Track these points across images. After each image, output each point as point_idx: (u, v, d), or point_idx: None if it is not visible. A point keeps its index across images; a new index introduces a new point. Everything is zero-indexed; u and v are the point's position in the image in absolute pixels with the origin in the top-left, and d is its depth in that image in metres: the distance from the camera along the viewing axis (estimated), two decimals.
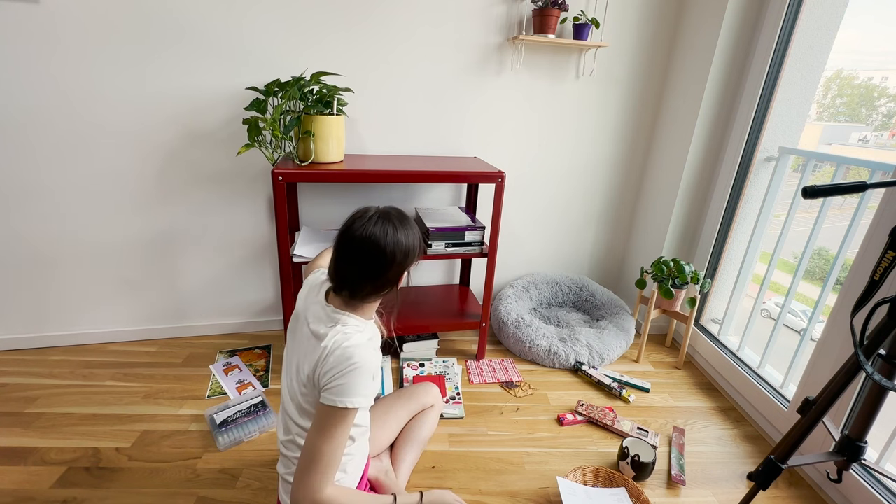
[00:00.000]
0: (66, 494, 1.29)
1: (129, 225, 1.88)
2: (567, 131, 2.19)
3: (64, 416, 1.57)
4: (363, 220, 0.95)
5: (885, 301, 0.94)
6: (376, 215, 0.96)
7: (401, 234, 0.96)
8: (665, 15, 2.05)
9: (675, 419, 1.75)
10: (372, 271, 0.95)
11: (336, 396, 0.89)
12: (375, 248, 0.93)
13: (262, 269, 2.09)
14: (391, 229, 0.95)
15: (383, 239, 0.94)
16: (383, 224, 0.95)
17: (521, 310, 2.17)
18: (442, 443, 1.56)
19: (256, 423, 1.56)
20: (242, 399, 1.65)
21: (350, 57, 1.86)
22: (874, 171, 1.49)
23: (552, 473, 1.46)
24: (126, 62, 1.68)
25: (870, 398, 1.01)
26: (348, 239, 0.95)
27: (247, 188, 1.95)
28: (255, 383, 1.79)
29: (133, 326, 2.03)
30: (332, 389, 0.89)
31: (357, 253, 0.94)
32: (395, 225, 0.96)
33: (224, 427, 1.52)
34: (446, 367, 1.93)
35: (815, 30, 1.72)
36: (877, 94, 3.10)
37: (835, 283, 1.58)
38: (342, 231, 0.97)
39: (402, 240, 0.96)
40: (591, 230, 2.42)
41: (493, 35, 1.95)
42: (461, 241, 1.82)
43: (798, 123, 1.85)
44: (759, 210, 1.91)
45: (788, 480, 1.51)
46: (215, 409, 1.60)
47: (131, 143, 1.78)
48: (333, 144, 1.68)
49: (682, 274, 1.95)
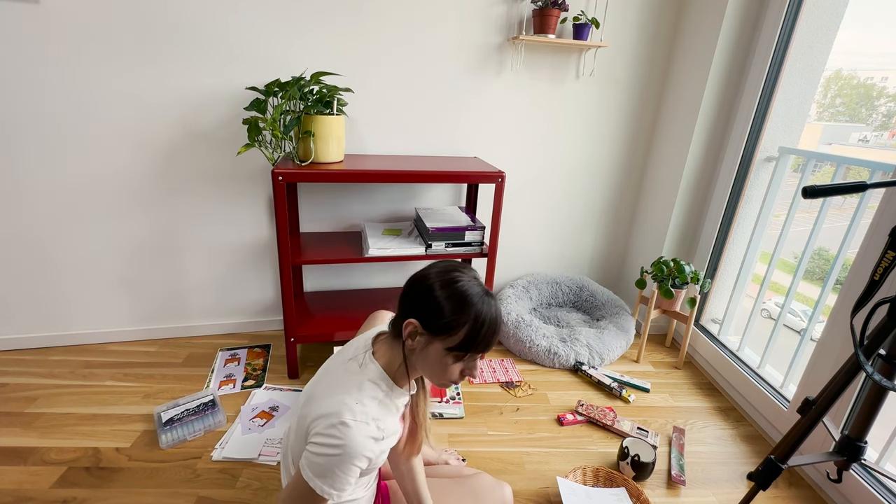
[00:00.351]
0: (66, 494, 1.29)
1: (129, 225, 1.88)
2: (567, 131, 2.19)
3: (64, 416, 1.57)
4: (469, 279, 0.87)
5: (885, 301, 0.94)
6: (484, 290, 0.89)
7: (444, 287, 0.86)
8: (665, 15, 2.05)
9: (675, 419, 1.75)
10: (405, 295, 0.88)
11: (310, 471, 0.80)
12: (421, 278, 0.87)
13: (262, 269, 2.09)
14: (479, 286, 0.89)
15: (431, 273, 0.87)
16: (479, 283, 0.89)
17: (521, 310, 2.17)
18: (442, 443, 1.56)
19: (202, 421, 1.53)
20: (192, 397, 1.63)
21: (350, 57, 1.86)
22: (874, 171, 1.49)
23: (552, 473, 1.46)
24: (126, 62, 1.68)
25: (870, 398, 1.01)
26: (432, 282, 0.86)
27: (247, 188, 1.95)
28: (239, 381, 1.79)
29: (133, 326, 2.03)
30: (308, 457, 0.80)
31: (429, 288, 0.86)
32: (487, 292, 0.88)
33: (169, 425, 1.51)
34: None
35: (815, 30, 1.72)
36: (876, 94, 3.10)
37: (835, 283, 1.58)
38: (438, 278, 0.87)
39: (439, 293, 0.85)
40: (591, 230, 2.42)
41: (493, 35, 1.95)
42: (461, 241, 1.82)
43: (798, 123, 1.85)
44: (759, 210, 1.91)
45: (788, 480, 1.51)
46: (165, 406, 1.59)
47: (131, 143, 1.78)
48: (333, 144, 1.68)
49: (682, 274, 1.95)
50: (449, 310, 0.83)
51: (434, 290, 0.84)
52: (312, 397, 0.89)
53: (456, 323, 0.83)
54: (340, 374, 0.90)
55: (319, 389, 0.90)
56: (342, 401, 0.82)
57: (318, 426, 0.81)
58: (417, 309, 0.85)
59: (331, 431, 0.79)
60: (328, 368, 0.96)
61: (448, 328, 0.83)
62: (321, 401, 0.85)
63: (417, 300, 0.86)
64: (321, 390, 0.89)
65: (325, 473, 0.79)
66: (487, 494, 1.13)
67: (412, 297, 0.87)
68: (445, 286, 0.84)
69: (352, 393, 0.84)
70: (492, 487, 1.15)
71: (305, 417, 0.86)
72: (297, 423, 0.91)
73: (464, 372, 0.89)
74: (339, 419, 0.80)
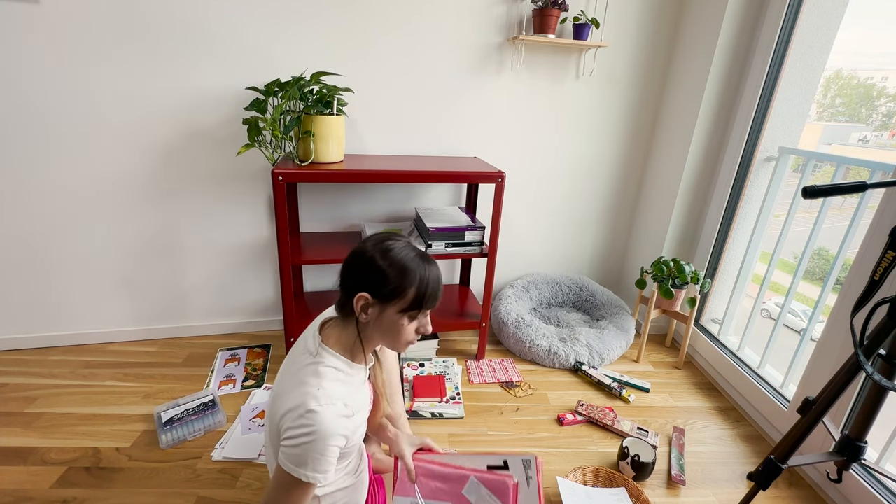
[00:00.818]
0: (66, 494, 1.29)
1: (129, 225, 1.88)
2: (567, 131, 2.19)
3: (64, 416, 1.57)
4: (396, 240, 0.93)
5: (885, 301, 0.94)
6: (411, 245, 0.94)
7: (383, 252, 0.91)
8: (665, 15, 2.05)
9: (675, 419, 1.75)
10: (354, 267, 0.92)
11: (289, 462, 0.81)
12: (355, 251, 0.92)
13: (262, 269, 2.09)
14: (412, 248, 0.93)
15: (363, 245, 0.93)
16: (382, 240, 0.93)
17: (521, 310, 2.17)
18: (442, 443, 1.56)
19: (202, 421, 1.54)
20: (192, 397, 1.63)
21: (350, 57, 1.86)
22: (874, 171, 1.49)
23: (552, 473, 1.46)
24: (126, 62, 1.69)
25: (870, 398, 1.01)
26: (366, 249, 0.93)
27: (247, 188, 1.95)
28: (239, 380, 1.79)
29: (133, 326, 2.03)
30: (286, 450, 0.82)
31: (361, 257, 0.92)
32: (422, 255, 0.93)
33: (169, 425, 1.51)
34: (446, 367, 1.93)
35: (815, 30, 1.72)
36: (876, 94, 3.10)
37: (835, 283, 1.58)
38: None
39: (380, 259, 0.90)
40: (591, 230, 2.43)
41: (493, 35, 1.95)
42: (461, 241, 1.82)
43: (798, 123, 1.85)
44: (759, 210, 1.91)
45: (788, 480, 1.51)
46: (164, 406, 1.59)
47: (131, 143, 1.78)
48: (333, 144, 1.68)
49: (682, 274, 1.95)
50: (394, 275, 0.88)
51: (376, 260, 0.89)
52: (277, 396, 0.91)
53: (403, 285, 0.89)
54: (297, 369, 0.91)
55: (281, 387, 0.92)
56: (304, 392, 0.84)
57: (286, 421, 0.83)
58: (364, 282, 0.90)
59: (300, 422, 0.81)
60: (285, 368, 0.98)
61: (397, 292, 0.89)
62: (284, 397, 0.87)
63: (362, 274, 0.90)
64: (282, 388, 0.91)
65: (305, 461, 0.81)
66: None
67: (356, 273, 0.91)
68: (385, 255, 0.90)
69: (310, 381, 0.86)
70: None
71: (274, 417, 0.88)
72: (268, 423, 0.92)
73: (418, 329, 0.96)
74: (306, 408, 0.82)
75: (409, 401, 1.71)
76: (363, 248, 0.92)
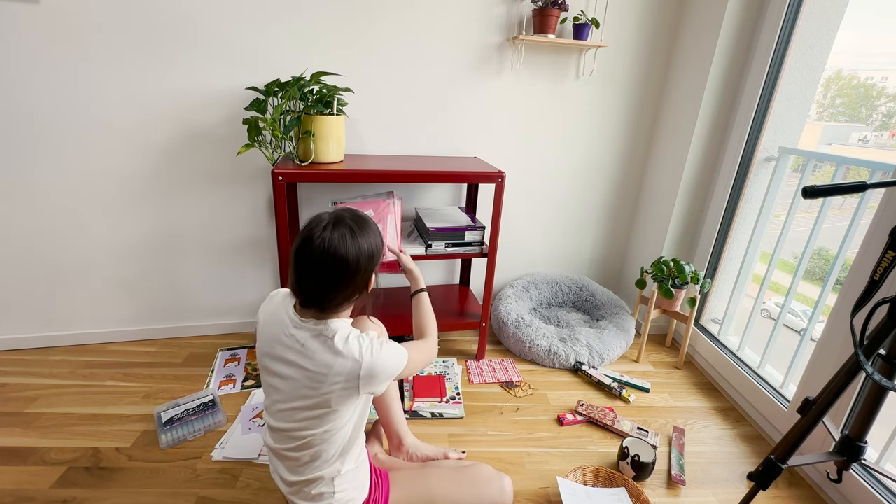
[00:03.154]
0: (66, 494, 1.29)
1: (129, 224, 1.88)
2: (567, 131, 2.19)
3: (64, 416, 1.57)
4: (318, 231, 0.90)
5: (885, 301, 0.94)
6: (331, 223, 0.91)
7: (361, 239, 0.92)
8: (665, 15, 2.05)
9: (675, 419, 1.75)
10: (338, 283, 0.91)
11: (397, 371, 0.97)
12: (337, 260, 0.89)
13: (262, 269, 2.09)
14: (350, 235, 0.91)
15: (343, 248, 0.89)
16: (340, 231, 0.90)
17: (521, 310, 2.17)
18: (442, 443, 1.56)
19: (202, 421, 1.54)
20: (192, 397, 1.63)
21: (350, 57, 1.86)
22: (874, 171, 1.49)
23: (552, 473, 1.46)
24: (126, 62, 1.68)
25: (870, 398, 1.01)
26: (308, 252, 0.89)
27: (247, 188, 1.95)
28: (239, 381, 1.79)
29: (133, 326, 2.03)
30: (389, 377, 0.95)
31: (319, 266, 0.89)
32: (352, 230, 0.92)
33: (169, 425, 1.51)
34: (446, 367, 1.93)
35: (815, 30, 1.72)
36: (876, 94, 3.10)
37: (835, 283, 1.58)
38: (299, 245, 0.91)
39: (364, 245, 0.92)
40: (591, 230, 2.43)
41: (493, 35, 1.95)
42: (461, 241, 1.82)
43: (798, 123, 1.85)
44: (759, 210, 1.91)
45: (788, 480, 1.51)
46: (164, 406, 1.59)
47: (131, 143, 1.78)
48: (333, 144, 1.68)
49: (682, 274, 1.95)
50: (364, 264, 0.94)
51: (360, 264, 0.94)
52: (314, 377, 0.92)
53: (370, 267, 0.97)
54: (316, 348, 0.92)
55: (308, 369, 0.93)
56: (347, 349, 0.91)
57: (364, 369, 0.91)
58: (354, 287, 0.95)
59: (361, 347, 0.92)
60: (285, 367, 0.95)
61: (371, 270, 0.98)
62: (328, 369, 0.90)
63: (349, 280, 0.93)
64: (311, 370, 0.92)
65: (396, 364, 0.96)
66: (486, 483, 1.14)
67: (344, 283, 0.93)
68: (357, 253, 0.93)
69: (344, 342, 0.92)
70: (491, 477, 1.16)
71: (328, 377, 0.91)
72: (313, 399, 0.93)
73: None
74: (361, 350, 0.92)
75: (409, 401, 1.71)
76: (344, 255, 0.91)
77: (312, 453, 0.96)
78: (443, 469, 1.18)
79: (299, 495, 1.00)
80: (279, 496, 1.32)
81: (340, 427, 0.96)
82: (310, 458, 0.97)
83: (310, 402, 0.92)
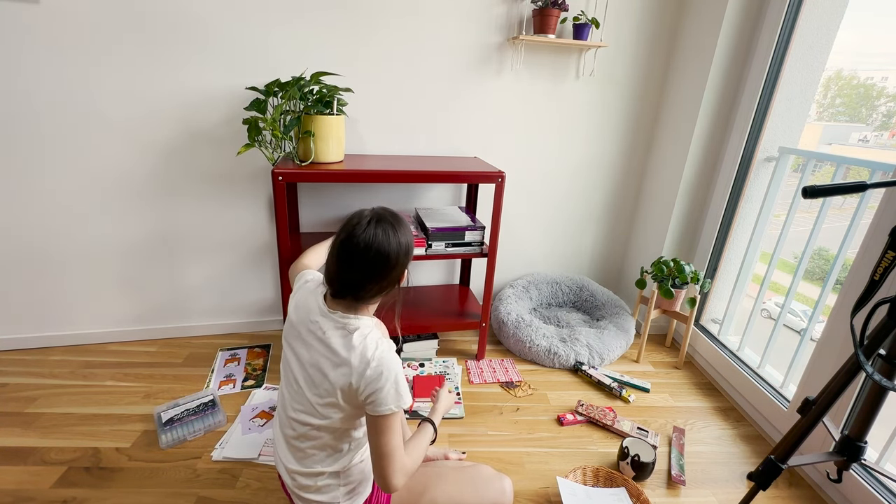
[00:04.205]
0: (66, 494, 1.29)
1: (129, 224, 1.88)
2: (567, 131, 2.19)
3: (64, 416, 1.57)
4: (363, 227, 0.96)
5: (885, 301, 0.94)
6: (374, 219, 0.97)
7: (400, 234, 0.98)
8: (665, 15, 2.05)
9: (675, 419, 1.75)
10: (378, 275, 0.97)
11: (391, 404, 0.92)
12: (380, 253, 0.95)
13: (262, 269, 2.09)
14: (391, 231, 0.97)
15: (386, 242, 0.95)
16: (383, 227, 0.96)
17: (521, 310, 2.17)
18: (442, 443, 1.56)
19: (202, 421, 1.54)
20: (192, 397, 1.63)
21: (350, 57, 1.86)
22: (874, 171, 1.49)
23: (552, 473, 1.46)
24: (126, 62, 1.69)
25: (870, 398, 1.01)
26: (352, 246, 0.95)
27: (247, 188, 1.95)
28: (239, 381, 1.79)
29: (133, 326, 2.03)
30: (383, 399, 0.91)
31: (362, 259, 0.95)
32: (393, 226, 0.98)
33: (169, 425, 1.51)
34: (446, 367, 1.93)
35: (815, 30, 1.72)
36: (876, 94, 3.10)
37: (835, 283, 1.58)
38: (344, 239, 0.97)
39: (403, 240, 0.98)
40: (591, 230, 2.42)
41: (493, 35, 1.95)
42: (461, 241, 1.82)
43: (798, 123, 1.85)
44: (759, 210, 1.91)
45: (788, 480, 1.51)
46: (165, 406, 1.59)
47: (131, 143, 1.78)
48: (333, 144, 1.68)
49: (682, 274, 1.95)
50: (402, 259, 0.99)
51: (399, 258, 0.98)
52: (324, 373, 0.95)
53: (406, 262, 1.01)
54: (335, 340, 0.96)
55: (323, 363, 0.96)
56: (363, 350, 0.93)
57: (365, 379, 0.91)
58: (389, 281, 0.99)
59: (378, 370, 0.91)
60: (306, 349, 0.99)
61: (406, 265, 1.01)
62: (340, 368, 0.93)
63: (387, 273, 0.97)
64: (326, 363, 0.95)
65: (397, 398, 0.92)
66: (487, 483, 1.15)
67: (382, 275, 0.97)
68: (398, 247, 0.98)
69: (361, 346, 0.94)
70: (492, 478, 1.17)
71: (337, 385, 0.93)
72: (326, 394, 0.95)
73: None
74: (377, 356, 0.92)
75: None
76: (387, 249, 0.96)
77: (320, 444, 0.98)
78: (443, 469, 1.19)
79: (303, 488, 1.01)
80: (279, 496, 1.32)
81: (349, 424, 0.98)
82: (317, 449, 0.99)
83: (320, 389, 0.96)
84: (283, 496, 1.31)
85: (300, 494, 1.02)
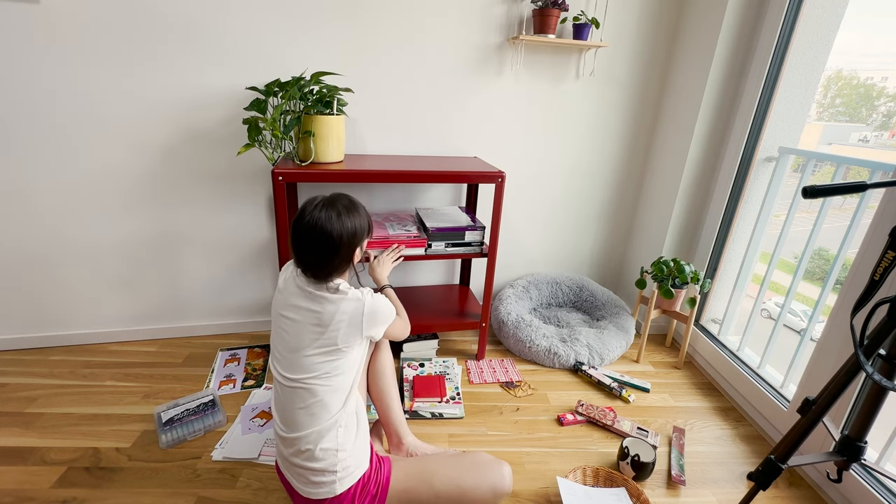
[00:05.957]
0: (66, 494, 1.29)
1: (129, 224, 1.88)
2: (567, 131, 2.19)
3: (64, 416, 1.57)
4: (309, 210, 1.08)
5: (885, 301, 0.94)
6: (323, 204, 1.09)
7: (346, 219, 1.09)
8: (665, 15, 2.05)
9: (675, 419, 1.75)
10: (326, 254, 1.08)
11: (389, 316, 1.18)
12: (323, 234, 1.06)
13: (262, 269, 2.09)
14: (335, 215, 1.07)
15: (329, 225, 1.07)
16: (328, 211, 1.07)
17: (521, 310, 2.17)
18: (442, 443, 1.56)
19: (202, 421, 1.54)
20: (192, 397, 1.64)
21: (350, 57, 1.86)
22: (874, 171, 1.49)
23: (552, 473, 1.46)
24: (126, 62, 1.68)
25: (870, 398, 1.01)
26: (300, 227, 1.07)
27: (247, 188, 1.95)
28: (239, 381, 1.79)
29: (133, 326, 2.03)
30: (384, 312, 1.14)
31: (309, 239, 1.07)
32: (339, 211, 1.09)
33: (169, 425, 1.51)
34: (446, 367, 1.93)
35: (815, 30, 1.72)
36: (876, 94, 3.10)
37: (835, 283, 1.58)
38: (295, 220, 1.09)
39: (348, 224, 1.09)
40: (591, 230, 2.43)
41: (493, 35, 1.95)
42: (461, 241, 1.82)
43: (798, 123, 1.85)
44: (759, 210, 1.91)
45: (788, 480, 1.51)
46: (165, 406, 1.59)
47: (131, 143, 1.78)
48: (333, 144, 1.68)
49: (682, 274, 1.95)
50: (347, 240, 1.10)
51: (336, 239, 1.09)
52: (326, 323, 1.07)
53: (353, 243, 1.13)
54: (321, 301, 1.09)
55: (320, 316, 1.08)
56: (350, 296, 1.10)
57: (364, 315, 1.09)
58: (340, 259, 1.11)
59: (361, 300, 1.10)
60: (294, 323, 1.10)
61: (354, 246, 1.14)
62: (339, 315, 1.07)
63: (335, 252, 1.09)
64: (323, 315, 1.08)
65: (389, 314, 1.17)
66: (486, 467, 1.18)
67: (330, 254, 1.09)
68: (346, 220, 1.11)
69: (341, 293, 1.10)
70: (490, 462, 1.20)
71: (341, 325, 1.07)
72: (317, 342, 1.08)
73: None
74: (356, 297, 1.10)
75: (409, 401, 1.71)
76: (329, 230, 1.07)
77: (318, 402, 1.05)
78: (443, 457, 1.25)
79: (303, 455, 1.05)
80: (279, 496, 1.32)
81: (343, 371, 1.09)
82: (316, 407, 1.05)
83: (317, 341, 1.06)
84: (284, 496, 1.31)
85: (301, 464, 1.05)
